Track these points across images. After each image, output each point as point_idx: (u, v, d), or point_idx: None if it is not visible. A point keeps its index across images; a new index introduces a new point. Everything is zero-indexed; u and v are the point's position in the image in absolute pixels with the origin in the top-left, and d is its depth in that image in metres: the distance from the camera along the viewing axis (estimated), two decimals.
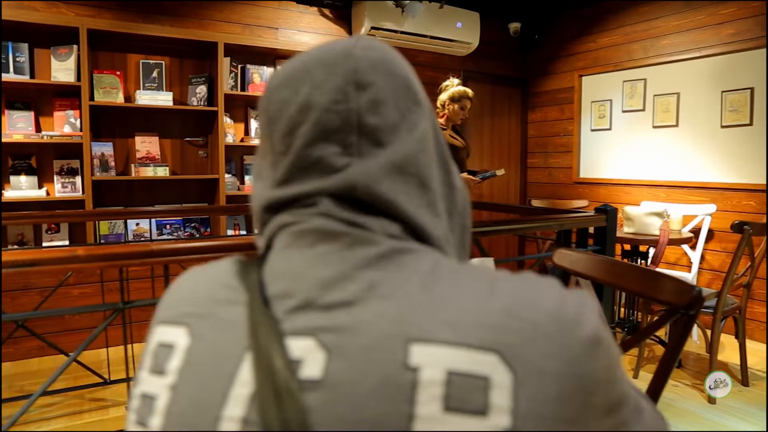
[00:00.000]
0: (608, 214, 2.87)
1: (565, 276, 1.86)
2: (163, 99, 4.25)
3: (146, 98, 4.20)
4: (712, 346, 3.28)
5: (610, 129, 5.37)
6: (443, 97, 4.24)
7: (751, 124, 4.30)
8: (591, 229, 2.99)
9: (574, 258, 1.88)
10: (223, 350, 0.55)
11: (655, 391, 1.47)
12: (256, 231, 0.69)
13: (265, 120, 0.65)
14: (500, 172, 4.24)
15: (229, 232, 4.69)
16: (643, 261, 3.95)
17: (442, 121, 4.27)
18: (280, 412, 0.48)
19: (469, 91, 4.20)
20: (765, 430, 2.97)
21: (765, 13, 4.16)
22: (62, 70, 3.92)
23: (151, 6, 4.18)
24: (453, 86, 4.22)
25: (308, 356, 0.51)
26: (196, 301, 0.61)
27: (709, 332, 3.41)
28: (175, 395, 0.56)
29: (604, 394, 0.53)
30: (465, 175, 4.14)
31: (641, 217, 3.70)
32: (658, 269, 4.51)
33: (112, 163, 4.19)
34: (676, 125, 4.81)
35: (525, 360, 0.49)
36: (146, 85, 4.29)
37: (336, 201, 0.59)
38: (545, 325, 0.51)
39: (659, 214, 3.69)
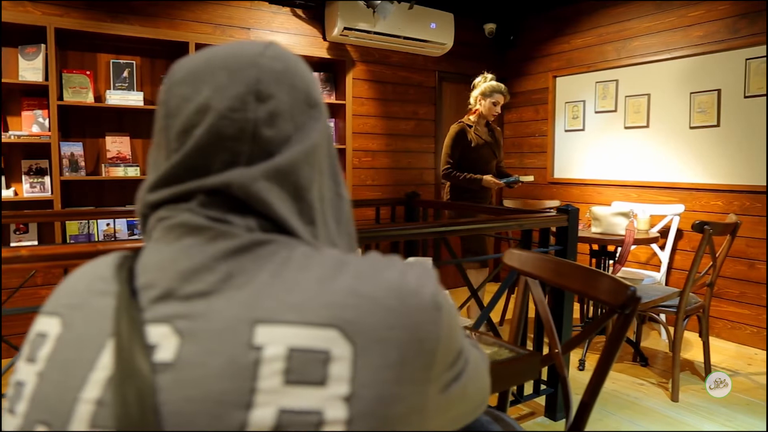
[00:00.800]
0: (569, 214, 2.90)
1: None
2: (134, 99, 4.23)
3: (117, 98, 4.18)
4: (675, 344, 3.31)
5: (583, 130, 5.41)
6: (475, 93, 4.17)
7: (718, 125, 4.34)
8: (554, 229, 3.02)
9: (522, 258, 1.90)
10: (88, 338, 0.58)
11: (595, 385, 1.50)
12: (138, 224, 0.72)
13: (163, 113, 0.66)
14: (526, 179, 4.10)
15: None
16: (611, 261, 3.98)
17: (473, 117, 4.17)
18: (131, 392, 0.52)
19: (502, 86, 4.11)
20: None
21: (734, 15, 4.21)
22: (30, 69, 3.89)
23: (121, 6, 4.16)
24: (485, 81, 4.13)
25: (163, 341, 0.55)
26: (74, 293, 0.64)
27: (673, 330, 3.44)
28: (41, 381, 0.58)
29: (446, 351, 0.60)
30: (488, 177, 4.02)
31: (608, 217, 3.73)
32: (624, 267, 4.56)
33: (82, 163, 4.16)
34: (647, 126, 4.86)
35: (364, 332, 0.55)
36: (117, 84, 4.27)
37: (209, 198, 0.62)
38: (385, 299, 0.57)
39: (625, 214, 3.72)
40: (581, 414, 1.52)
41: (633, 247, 4.68)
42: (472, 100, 4.19)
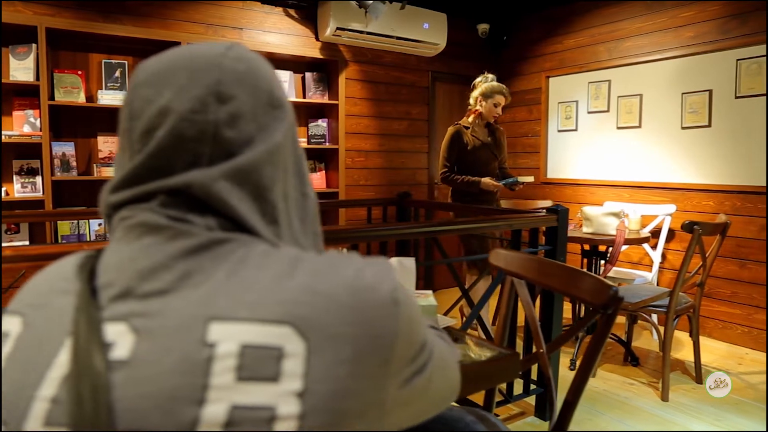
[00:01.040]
0: (559, 214, 2.90)
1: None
2: None
3: (109, 98, 4.17)
4: (665, 344, 3.32)
5: (576, 130, 5.42)
6: (475, 93, 4.11)
7: (709, 125, 4.36)
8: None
9: (508, 258, 1.90)
10: (48, 336, 0.59)
11: (578, 385, 1.51)
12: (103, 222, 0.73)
13: (127, 114, 0.67)
14: (526, 179, 3.95)
15: None
16: (602, 261, 3.99)
17: (471, 118, 4.10)
18: (86, 390, 0.52)
19: (503, 86, 4.04)
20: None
21: (725, 16, 4.23)
22: (21, 69, 3.89)
23: (113, 6, 4.15)
24: (486, 81, 4.07)
25: (120, 339, 0.56)
26: (38, 292, 0.65)
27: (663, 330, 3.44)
28: (1, 380, 0.59)
29: (406, 346, 0.61)
30: (486, 180, 3.91)
31: (599, 217, 3.74)
32: (616, 267, 4.57)
33: (74, 163, 4.16)
34: (639, 126, 4.87)
35: (318, 329, 0.56)
36: (109, 84, 4.26)
37: (170, 198, 0.63)
38: (340, 296, 0.58)
39: (616, 215, 3.73)
40: (564, 413, 1.53)
41: (625, 247, 4.70)
42: (471, 101, 4.12)
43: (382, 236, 2.53)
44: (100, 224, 4.29)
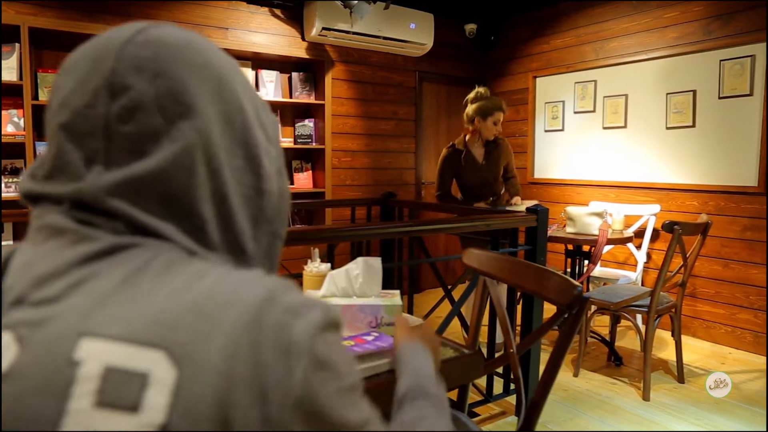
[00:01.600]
0: (538, 214, 2.91)
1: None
2: None
3: None
4: (646, 344, 3.33)
5: (562, 130, 5.43)
6: (470, 111, 3.88)
7: (693, 125, 4.37)
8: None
9: (481, 258, 1.91)
10: None
11: (545, 384, 1.51)
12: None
13: (48, 104, 0.63)
14: (515, 209, 3.63)
15: None
16: (586, 261, 4.00)
17: (468, 137, 3.93)
18: None
19: (500, 101, 3.88)
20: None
21: (708, 17, 4.25)
22: (4, 68, 3.87)
23: (97, 5, 4.14)
24: (481, 98, 3.87)
25: (6, 350, 0.51)
26: None
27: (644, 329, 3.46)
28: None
29: (305, 419, 0.50)
30: (479, 205, 3.80)
31: (582, 217, 3.75)
32: (601, 267, 4.58)
33: None
34: (625, 126, 4.88)
35: (195, 359, 0.48)
36: None
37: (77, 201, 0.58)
38: (231, 325, 0.49)
39: (599, 214, 3.75)
40: (531, 413, 1.53)
41: (610, 247, 4.72)
42: (466, 118, 3.93)
43: (357, 236, 2.53)
44: None
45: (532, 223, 2.90)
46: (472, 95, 3.92)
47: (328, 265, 1.82)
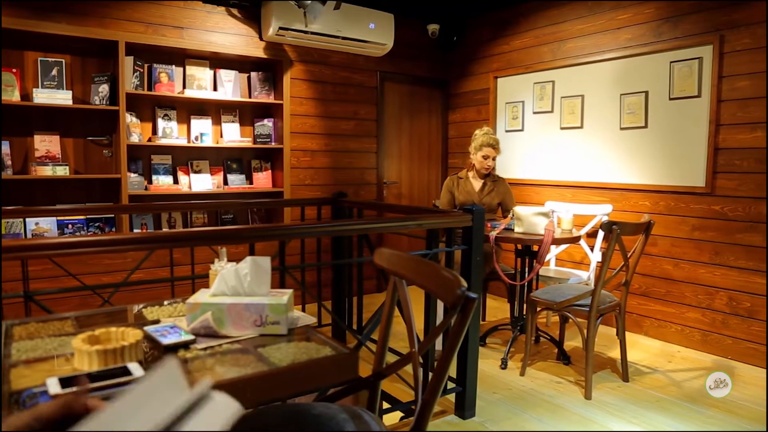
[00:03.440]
0: (474, 214, 2.92)
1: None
2: (62, 98, 4.19)
3: (44, 97, 4.13)
4: (587, 343, 3.35)
5: (522, 130, 5.46)
6: (471, 147, 4.42)
7: (646, 126, 4.41)
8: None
9: (391, 258, 1.91)
10: None
11: (435, 384, 1.52)
12: None
13: None
14: (497, 224, 3.91)
15: (136, 231, 4.65)
16: (536, 261, 4.02)
17: (470, 170, 4.47)
18: None
19: (494, 138, 4.33)
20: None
21: (658, 19, 4.28)
22: None
23: (48, 4, 4.11)
24: (481, 135, 4.34)
25: None
26: None
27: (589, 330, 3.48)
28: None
29: None
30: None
31: (528, 217, 3.77)
32: (541, 266, 4.60)
33: (9, 162, 4.12)
34: (581, 127, 4.92)
35: None
36: (45, 83, 4.22)
37: None
38: None
39: (545, 214, 3.76)
40: (422, 413, 1.54)
41: (564, 246, 4.74)
42: (471, 154, 4.43)
43: (291, 234, 2.53)
44: (36, 223, 4.26)
45: (468, 222, 2.91)
46: (476, 131, 4.42)
47: (234, 264, 1.83)
